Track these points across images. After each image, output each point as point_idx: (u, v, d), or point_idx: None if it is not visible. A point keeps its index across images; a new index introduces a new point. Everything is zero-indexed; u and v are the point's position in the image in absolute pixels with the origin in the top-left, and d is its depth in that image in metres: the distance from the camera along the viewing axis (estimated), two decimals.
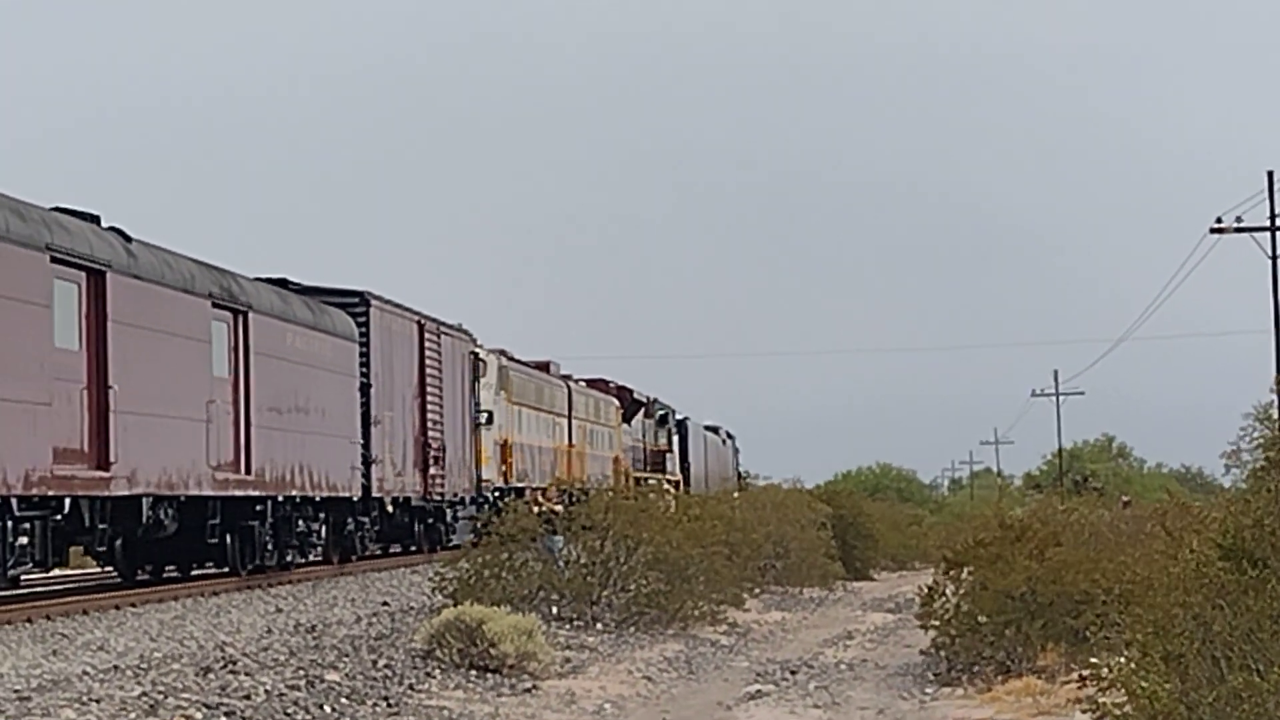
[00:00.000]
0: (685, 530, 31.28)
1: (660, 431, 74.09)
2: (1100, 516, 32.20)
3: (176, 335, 26.53)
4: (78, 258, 23.51)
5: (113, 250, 24.72)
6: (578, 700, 20.81)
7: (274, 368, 30.06)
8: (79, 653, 20.11)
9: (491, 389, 45.44)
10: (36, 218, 22.83)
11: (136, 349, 24.90)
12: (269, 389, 29.81)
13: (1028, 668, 22.55)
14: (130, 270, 25.05)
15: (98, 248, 24.23)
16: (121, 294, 24.56)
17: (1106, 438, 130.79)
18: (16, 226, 22.00)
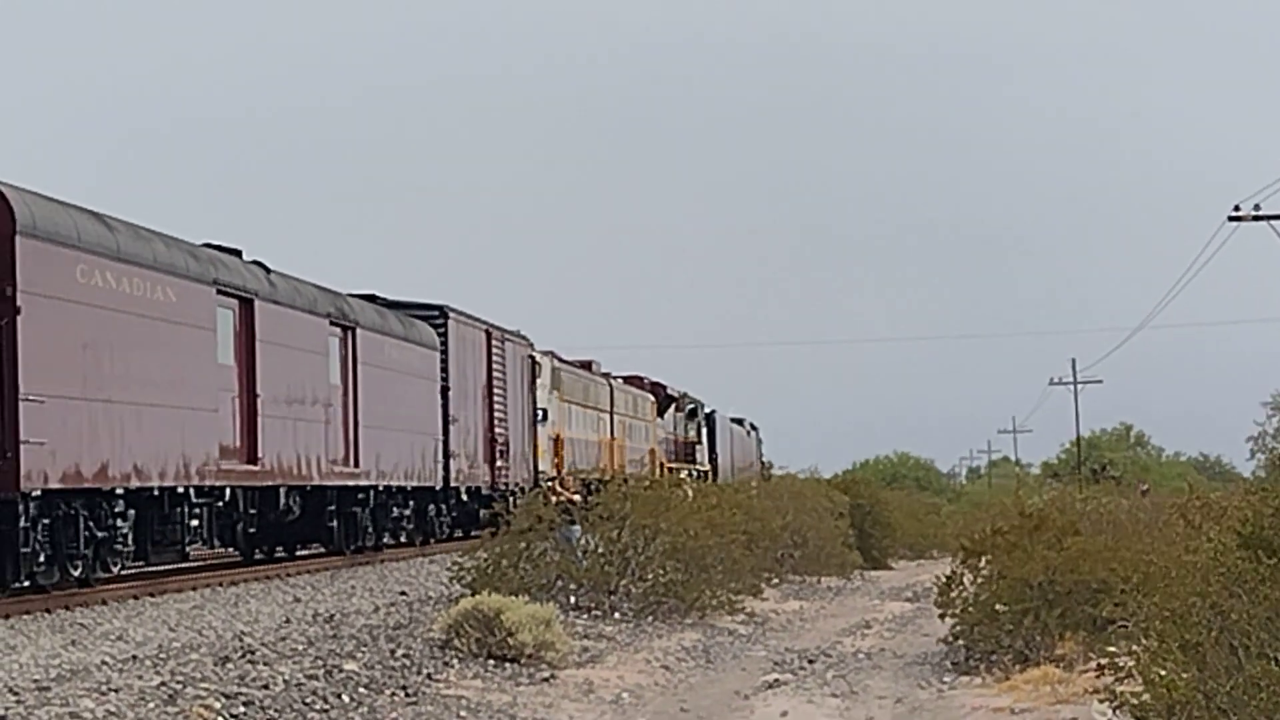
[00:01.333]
0: (703, 520, 31.28)
1: (690, 425, 77.32)
2: (1118, 505, 32.18)
3: (303, 350, 31.11)
4: (234, 289, 28.20)
5: (258, 281, 29.48)
6: (595, 690, 20.83)
7: (375, 375, 34.66)
8: (98, 643, 20.15)
9: (546, 389, 49.80)
10: (205, 257, 27.61)
11: (275, 362, 29.58)
12: (371, 393, 34.31)
13: (1046, 656, 22.50)
14: (271, 297, 29.73)
15: (248, 279, 29.00)
16: (265, 317, 29.27)
17: (1124, 426, 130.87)
18: (193, 266, 26.84)
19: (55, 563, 23.19)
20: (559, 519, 30.10)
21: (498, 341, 43.91)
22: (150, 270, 25.27)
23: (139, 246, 25.19)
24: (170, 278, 25.86)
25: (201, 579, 28.18)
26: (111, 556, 24.77)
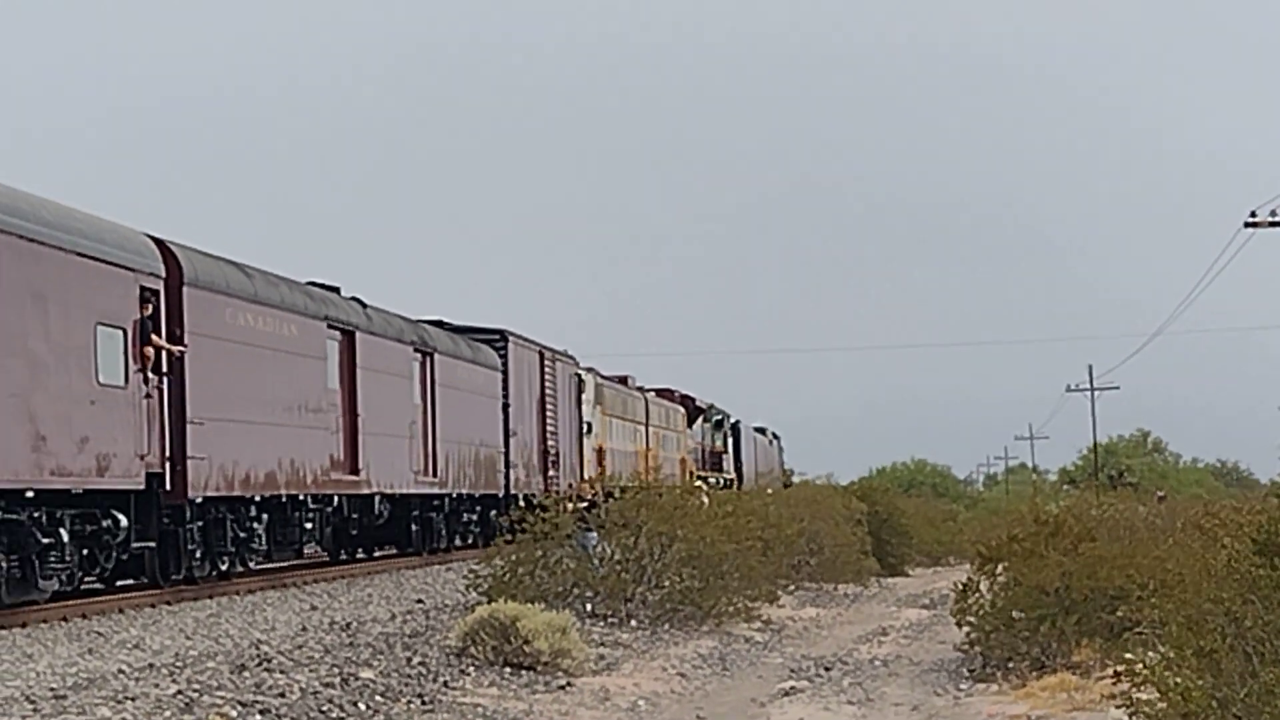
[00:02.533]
0: (719, 527, 31.25)
1: (717, 435, 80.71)
2: (1135, 511, 32.13)
3: (393, 375, 35.42)
4: (340, 323, 32.74)
5: (358, 315, 33.93)
6: (612, 697, 20.82)
7: (449, 395, 38.87)
8: (114, 651, 20.18)
9: (590, 403, 53.22)
10: (318, 297, 32.15)
11: (371, 386, 33.84)
12: (446, 411, 38.53)
13: (1062, 663, 22.49)
14: (368, 329, 34.15)
15: (350, 314, 33.52)
16: (364, 347, 33.62)
17: (1141, 432, 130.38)
18: (309, 304, 31.40)
19: (207, 559, 27.64)
20: (575, 526, 30.09)
21: (549, 361, 47.74)
22: (278, 310, 29.84)
23: (269, 290, 29.78)
24: (293, 315, 30.40)
25: (218, 589, 28.24)
26: (248, 554, 29.20)
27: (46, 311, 22.55)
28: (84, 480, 23.38)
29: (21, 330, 21.97)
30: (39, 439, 22.31)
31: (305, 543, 32.00)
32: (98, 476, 23.68)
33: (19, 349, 21.92)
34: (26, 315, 22.12)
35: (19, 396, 21.85)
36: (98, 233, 24.31)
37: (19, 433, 21.83)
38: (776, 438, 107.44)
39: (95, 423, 23.66)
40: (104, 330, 23.95)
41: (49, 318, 22.60)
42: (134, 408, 24.72)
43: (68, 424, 23.03)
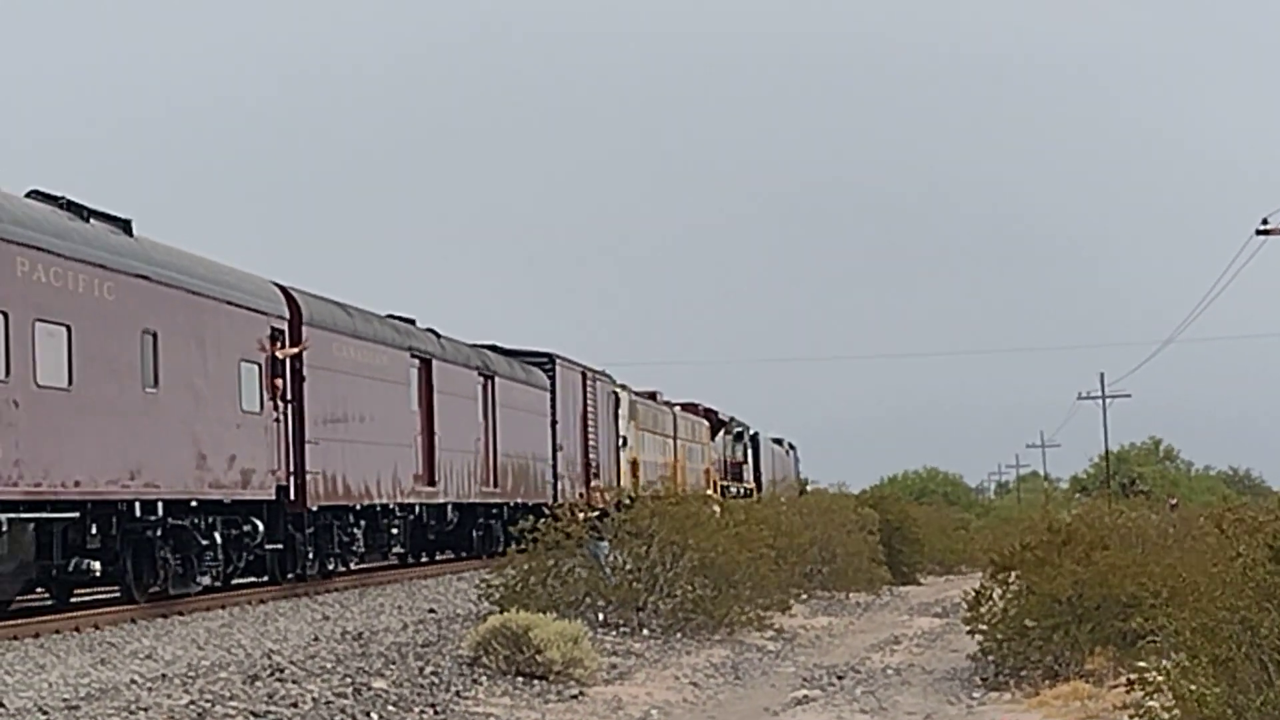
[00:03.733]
0: (731, 536, 31.23)
1: (738, 446, 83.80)
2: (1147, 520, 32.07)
3: (461, 397, 39.48)
4: (419, 352, 36.87)
5: (434, 344, 38.06)
6: (624, 706, 20.80)
7: (507, 414, 42.80)
8: (127, 661, 20.18)
9: (625, 418, 56.71)
10: (402, 329, 36.55)
11: (446, 407, 37.98)
12: (504, 428, 42.45)
13: (1075, 672, 22.46)
14: (442, 356, 38.22)
15: (428, 344, 37.62)
16: (439, 373, 37.67)
17: (1153, 440, 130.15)
18: (395, 337, 35.65)
19: (317, 559, 31.44)
20: (587, 535, 30.09)
21: (590, 381, 51.56)
22: (371, 342, 34.14)
23: (365, 325, 34.14)
24: (382, 346, 34.64)
25: (229, 599, 28.27)
26: (349, 556, 32.99)
27: (204, 352, 27.07)
28: (232, 492, 27.67)
29: (188, 368, 26.44)
30: (200, 458, 26.67)
31: (391, 546, 35.87)
32: (242, 489, 28.02)
33: (187, 384, 26.37)
34: (191, 356, 26.63)
35: (187, 423, 26.28)
36: (238, 282, 28.86)
37: (187, 453, 26.26)
38: (793, 448, 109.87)
39: (240, 443, 28.03)
40: (245, 365, 28.49)
41: (206, 357, 27.11)
42: (267, 430, 29.12)
43: (220, 445, 27.31)
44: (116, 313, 24.22)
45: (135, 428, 24.67)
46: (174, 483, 25.61)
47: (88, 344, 23.30)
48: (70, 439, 22.89)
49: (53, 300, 22.54)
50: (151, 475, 24.94)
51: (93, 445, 23.48)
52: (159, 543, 25.47)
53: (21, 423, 21.69)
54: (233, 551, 27.97)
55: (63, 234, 23.22)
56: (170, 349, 25.71)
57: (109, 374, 24.02)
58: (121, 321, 24.40)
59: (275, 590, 29.97)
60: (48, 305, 22.41)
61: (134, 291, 24.75)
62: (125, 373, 24.51)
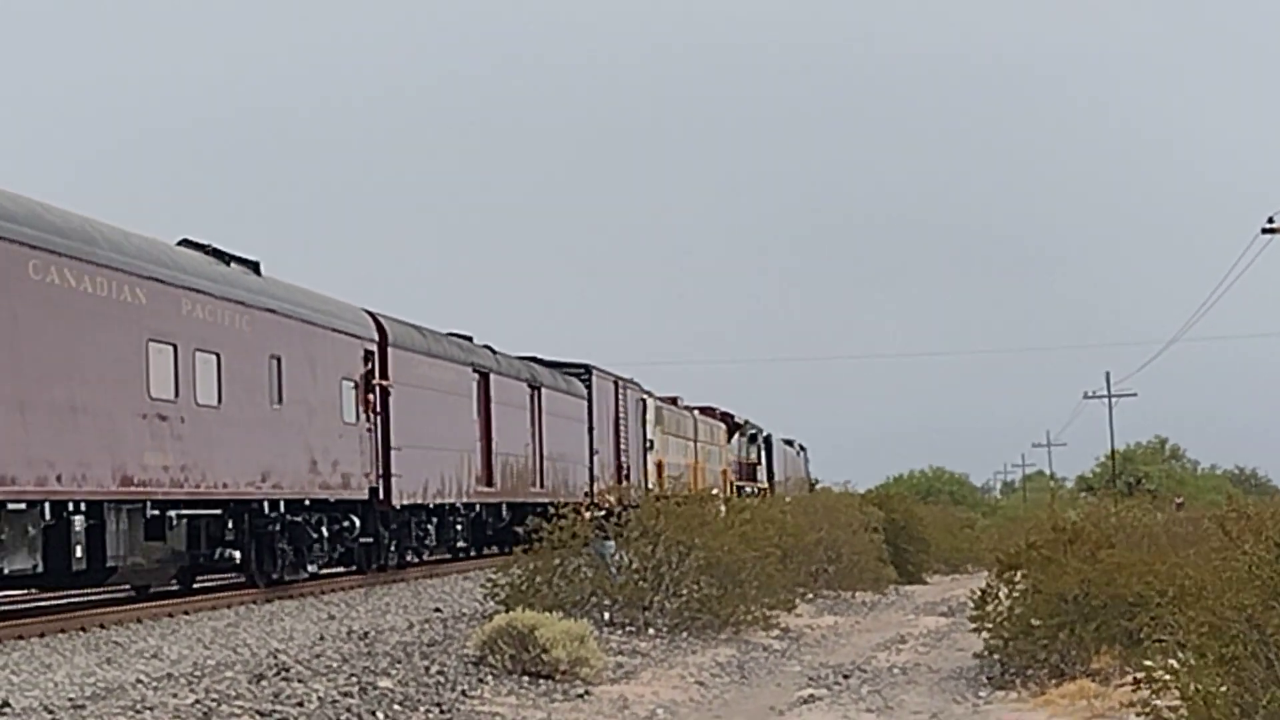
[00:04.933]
0: (737, 535, 31.21)
1: (752, 448, 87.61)
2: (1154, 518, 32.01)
3: (514, 406, 43.57)
4: (479, 367, 41.10)
5: (491, 359, 42.33)
6: (630, 706, 20.79)
7: (551, 421, 46.64)
8: (133, 660, 20.19)
9: (651, 423, 60.56)
10: (465, 347, 40.82)
11: (501, 416, 42.19)
12: (549, 434, 46.42)
13: (1082, 671, 22.42)
14: (497, 370, 42.44)
15: (486, 360, 41.85)
16: (496, 385, 41.93)
17: (1159, 439, 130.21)
18: (460, 354, 39.97)
19: (397, 552, 35.72)
20: (593, 534, 30.09)
21: (621, 389, 55.86)
22: (442, 359, 38.43)
23: (436, 345, 38.42)
24: (450, 363, 38.95)
25: (235, 597, 28.31)
26: (423, 549, 37.48)
27: (315, 372, 31.36)
28: (336, 492, 31.99)
29: (303, 387, 30.71)
30: (312, 463, 30.93)
31: (456, 541, 39.56)
32: (343, 490, 32.32)
33: (302, 400, 30.61)
34: (305, 376, 30.89)
35: (302, 434, 30.52)
36: (339, 311, 33.25)
37: (303, 459, 30.53)
38: (803, 449, 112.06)
39: (341, 451, 32.40)
40: (345, 383, 32.90)
41: (316, 376, 31.40)
42: (361, 439, 33.42)
43: (327, 452, 31.65)
44: (251, 342, 28.72)
45: (265, 438, 29.08)
46: (293, 484, 30.06)
47: (231, 369, 27.76)
48: (219, 448, 27.19)
49: (207, 333, 26.96)
50: (276, 478, 29.42)
51: (235, 453, 27.79)
52: (278, 535, 29.70)
53: (186, 435, 26.08)
54: (334, 544, 32.40)
55: (212, 278, 27.65)
56: (290, 371, 30.16)
57: (246, 393, 28.42)
58: (255, 349, 28.90)
59: (280, 590, 30.04)
60: (203, 338, 26.84)
61: (263, 323, 29.22)
62: (258, 392, 28.97)
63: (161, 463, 25.19)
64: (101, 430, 23.63)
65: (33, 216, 22.39)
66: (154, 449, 25.04)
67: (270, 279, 30.34)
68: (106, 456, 23.70)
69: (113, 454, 23.87)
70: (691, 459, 68.84)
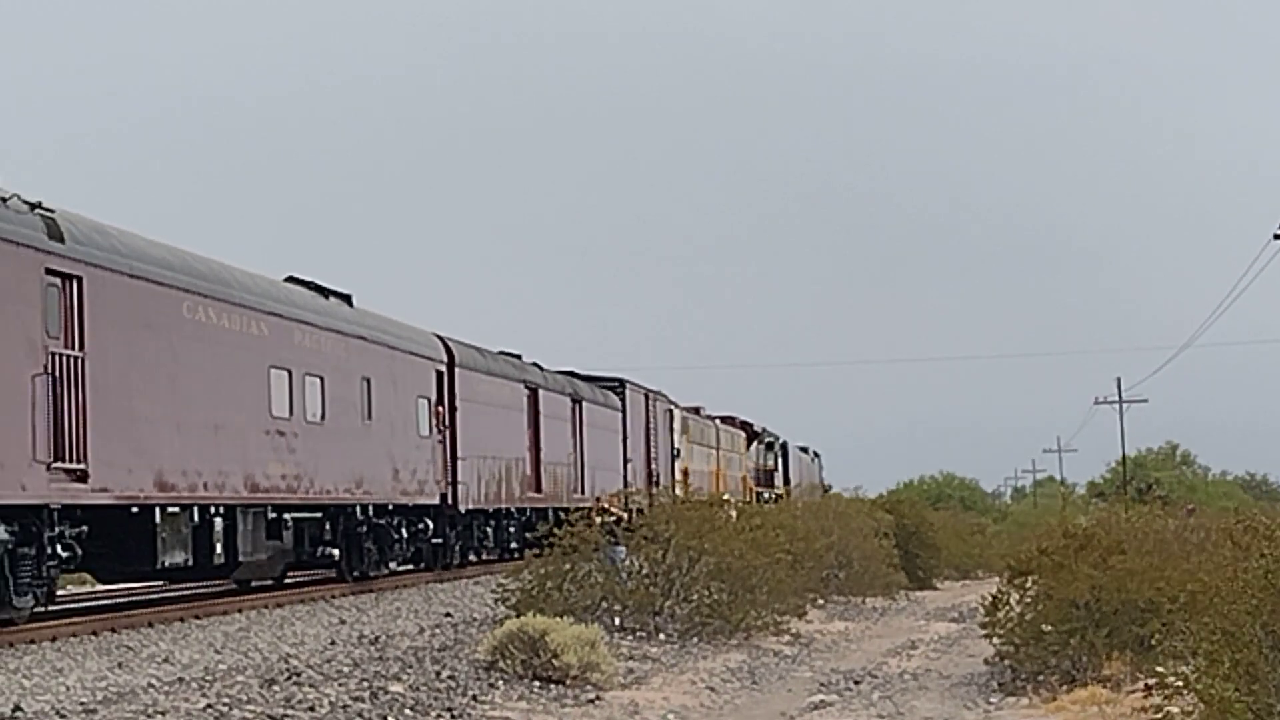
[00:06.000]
0: (748, 540, 31.20)
1: (769, 455, 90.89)
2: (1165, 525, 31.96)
3: (558, 419, 47.05)
4: (530, 384, 44.85)
5: (539, 376, 46.05)
6: (641, 711, 20.79)
7: (591, 432, 50.10)
8: (144, 665, 20.20)
9: (678, 432, 63.58)
10: (517, 365, 44.67)
11: (548, 428, 45.76)
12: (589, 444, 49.77)
13: (1093, 676, 22.42)
14: (545, 386, 46.18)
15: (535, 376, 45.63)
16: (544, 400, 45.61)
17: (1170, 445, 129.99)
18: (514, 372, 43.87)
19: (462, 553, 39.49)
20: (604, 540, 30.10)
21: (651, 400, 59.15)
22: (499, 377, 42.36)
23: (494, 364, 42.46)
24: (505, 381, 42.85)
25: (246, 602, 28.37)
26: (483, 550, 41.37)
27: (396, 391, 35.15)
28: (414, 498, 35.77)
29: (388, 404, 34.48)
30: (395, 472, 34.73)
31: (509, 543, 42.03)
32: (419, 495, 36.10)
33: (387, 416, 34.35)
34: (389, 395, 34.67)
35: (386, 446, 34.25)
36: (414, 336, 37.26)
37: (387, 468, 34.32)
38: (817, 455, 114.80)
39: (418, 461, 36.21)
40: (420, 400, 36.77)
41: (397, 395, 35.18)
42: (433, 450, 37.20)
43: (406, 462, 35.47)
44: (347, 365, 32.54)
45: (358, 450, 32.78)
46: (379, 491, 33.83)
47: (332, 390, 31.63)
48: (323, 459, 30.99)
49: (313, 360, 30.79)
50: (367, 485, 33.20)
51: (335, 464, 31.61)
52: (365, 536, 33.40)
53: (297, 448, 29.90)
54: (411, 544, 36.11)
55: (316, 310, 31.57)
56: (377, 390, 33.97)
57: (344, 411, 32.27)
58: (350, 372, 32.71)
59: (291, 594, 30.45)
60: (311, 363, 30.69)
61: (356, 349, 33.10)
62: (352, 410, 32.80)
63: (280, 472, 29.17)
64: (235, 445, 27.53)
65: (185, 264, 26.49)
66: (274, 460, 29.03)
67: (361, 310, 34.45)
68: (239, 467, 27.65)
69: (244, 465, 27.83)
70: (714, 466, 71.82)
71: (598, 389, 52.97)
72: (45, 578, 22.37)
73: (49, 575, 22.50)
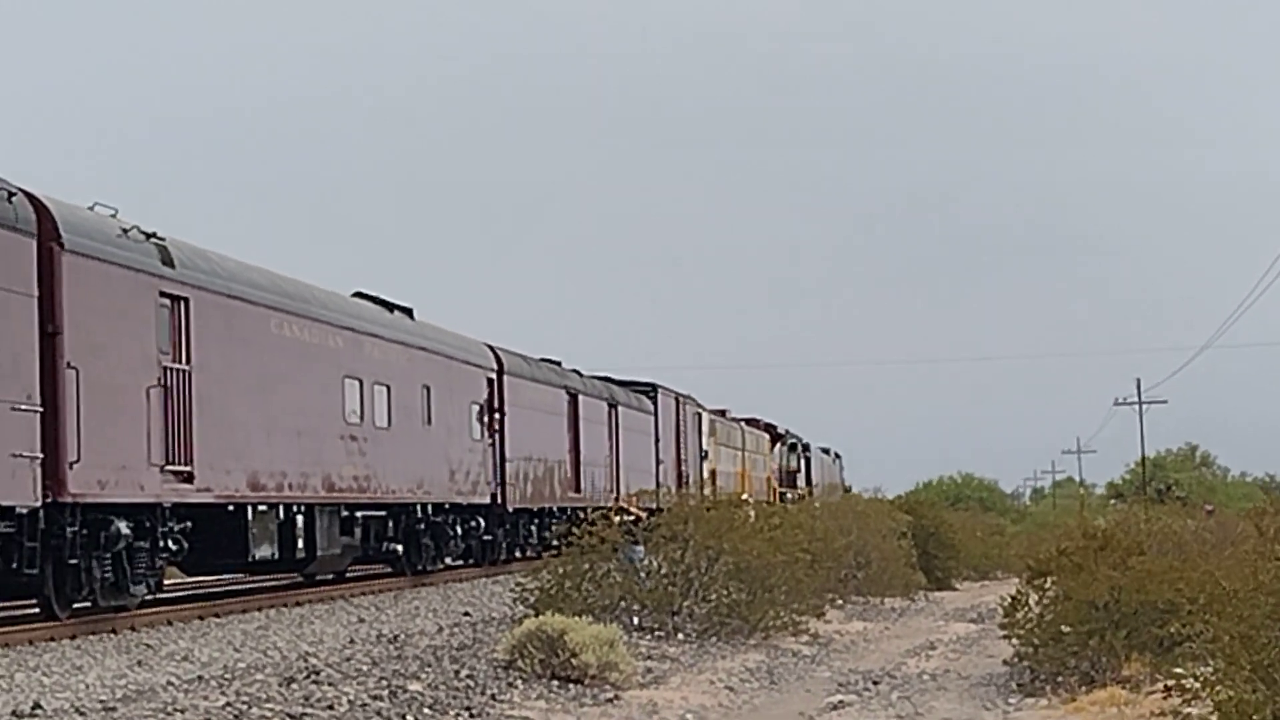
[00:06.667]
0: (766, 540, 31.19)
1: (792, 456, 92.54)
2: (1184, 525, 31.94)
3: (596, 422, 49.71)
4: (570, 389, 47.62)
5: (579, 382, 48.77)
6: (659, 710, 20.79)
7: (626, 435, 52.80)
8: (163, 663, 20.25)
9: (706, 435, 65.59)
10: (559, 372, 47.42)
11: (587, 431, 48.43)
12: (624, 447, 52.55)
13: (1112, 678, 22.38)
14: (585, 391, 48.81)
15: (575, 382, 48.26)
16: (583, 405, 48.27)
17: (1190, 446, 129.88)
18: (556, 378, 46.60)
19: (509, 550, 42.02)
20: (622, 539, 30.10)
21: (681, 404, 61.69)
22: (542, 384, 45.03)
23: (538, 371, 45.05)
24: (548, 386, 45.55)
25: (266, 600, 28.48)
26: (527, 547, 43.06)
27: (452, 397, 37.86)
28: (468, 497, 38.56)
29: (445, 410, 37.20)
30: (451, 473, 37.44)
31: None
32: (473, 495, 38.88)
33: (444, 421, 37.11)
34: (446, 401, 37.30)
35: (444, 449, 37.01)
36: (467, 345, 39.99)
37: (444, 470, 37.01)
38: (838, 456, 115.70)
39: (470, 463, 38.90)
40: (473, 406, 39.57)
41: (453, 401, 37.93)
42: (484, 453, 40.02)
43: (461, 464, 38.16)
44: (409, 374, 35.20)
45: (419, 453, 35.39)
46: (438, 491, 36.50)
47: (397, 397, 34.27)
48: (389, 462, 33.60)
49: (380, 369, 33.45)
50: (427, 486, 35.85)
51: (399, 466, 34.18)
52: (424, 533, 35.87)
53: (367, 452, 32.56)
54: (464, 541, 38.69)
55: (383, 324, 34.42)
56: (436, 397, 36.56)
57: (406, 417, 34.87)
58: (412, 381, 35.39)
59: (310, 593, 30.76)
60: (379, 373, 33.36)
61: (417, 359, 35.75)
62: (414, 415, 35.43)
63: (352, 473, 31.82)
64: (315, 449, 30.15)
65: (272, 284, 29.26)
66: (347, 463, 31.68)
67: (421, 322, 37.24)
68: (318, 469, 30.26)
69: (322, 467, 30.42)
70: (740, 467, 73.67)
71: (632, 393, 55.47)
72: (156, 569, 24.97)
73: (159, 567, 25.15)
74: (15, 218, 21.48)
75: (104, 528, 23.23)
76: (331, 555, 31.32)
